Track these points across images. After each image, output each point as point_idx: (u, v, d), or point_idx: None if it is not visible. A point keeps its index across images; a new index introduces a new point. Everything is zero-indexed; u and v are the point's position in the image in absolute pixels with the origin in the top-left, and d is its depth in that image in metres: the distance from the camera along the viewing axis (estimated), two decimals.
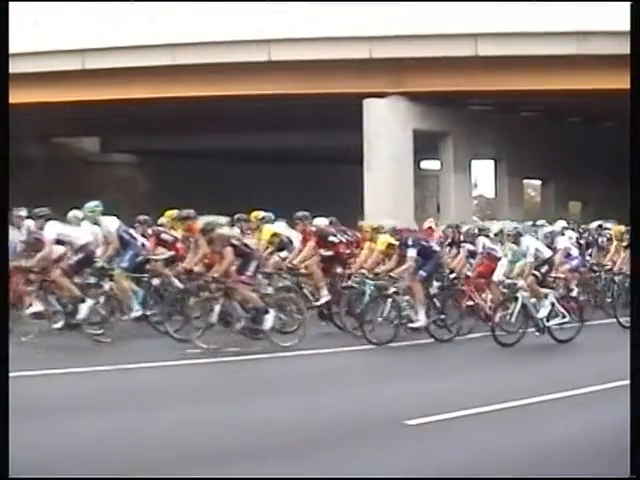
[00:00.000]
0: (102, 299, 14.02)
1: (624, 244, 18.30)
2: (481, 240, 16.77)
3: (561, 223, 20.99)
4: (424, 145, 33.77)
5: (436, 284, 15.76)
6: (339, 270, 16.17)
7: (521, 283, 14.96)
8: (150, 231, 15.99)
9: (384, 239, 15.60)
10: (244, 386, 10.92)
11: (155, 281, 15.35)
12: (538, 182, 45.45)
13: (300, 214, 16.39)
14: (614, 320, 16.65)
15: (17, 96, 32.61)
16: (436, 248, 16.02)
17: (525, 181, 42.09)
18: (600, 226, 21.30)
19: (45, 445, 7.59)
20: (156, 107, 33.71)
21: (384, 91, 31.74)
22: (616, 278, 18.61)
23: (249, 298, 13.63)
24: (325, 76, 30.80)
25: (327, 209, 19.43)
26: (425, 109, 32.75)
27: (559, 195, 40.95)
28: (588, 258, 19.74)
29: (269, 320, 13.63)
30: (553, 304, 15.10)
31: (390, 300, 14.88)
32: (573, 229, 21.39)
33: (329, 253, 16.01)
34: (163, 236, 15.77)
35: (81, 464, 7.09)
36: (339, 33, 30.26)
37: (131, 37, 31.10)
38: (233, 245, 13.72)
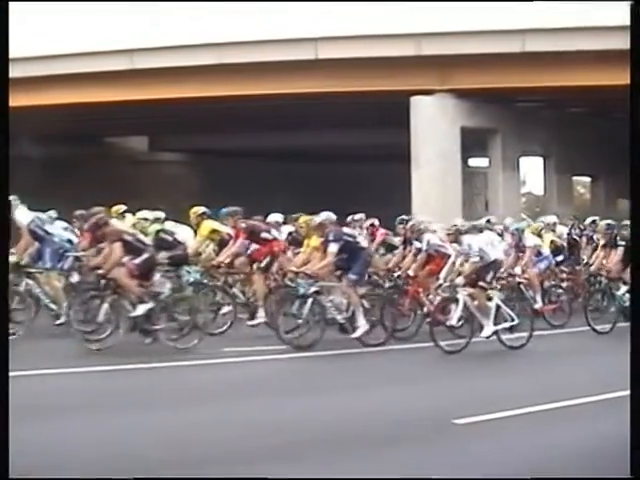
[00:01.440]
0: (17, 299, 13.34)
1: (609, 241, 17.26)
2: (426, 237, 15.52)
3: (551, 218, 20.08)
4: (472, 142, 33.58)
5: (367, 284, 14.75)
6: (275, 268, 15.39)
7: (458, 282, 13.94)
8: (86, 226, 14.98)
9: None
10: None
11: (74, 278, 14.88)
12: (587, 179, 45.09)
13: (231, 209, 15.74)
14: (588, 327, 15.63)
15: (67, 96, 33.17)
16: (364, 244, 14.77)
17: (574, 178, 41.75)
18: (594, 222, 20.32)
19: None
20: (203, 106, 33.82)
21: (431, 88, 31.59)
22: (592, 279, 17.77)
23: (138, 294, 12.88)
24: (372, 74, 30.71)
25: (375, 208, 19.38)
26: (473, 106, 32.54)
27: (609, 192, 40.56)
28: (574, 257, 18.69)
29: (162, 320, 12.90)
30: (499, 307, 14.06)
31: (310, 300, 13.69)
32: (573, 225, 20.54)
33: (264, 251, 15.36)
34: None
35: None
36: (386, 30, 30.16)
37: (178, 37, 31.23)
38: (124, 240, 12.99)
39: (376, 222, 18.06)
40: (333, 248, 13.93)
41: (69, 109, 34.12)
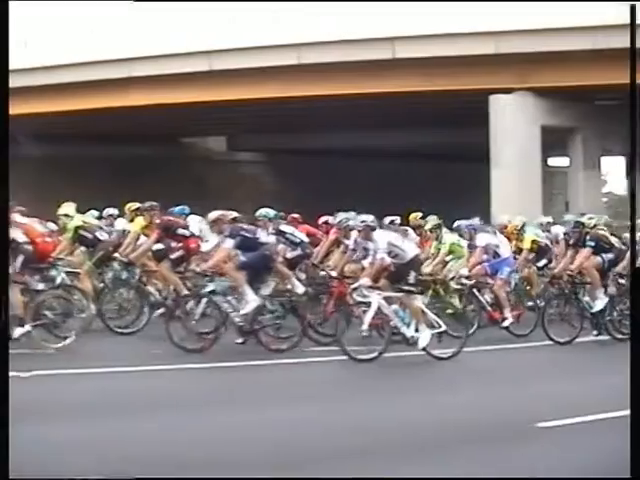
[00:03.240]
0: None
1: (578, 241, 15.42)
2: (353, 235, 14.05)
3: (545, 218, 19.01)
4: (552, 141, 33.17)
5: (271, 283, 13.65)
6: (192, 266, 14.55)
7: (363, 283, 12.59)
8: None
9: None
10: None
11: None
12: None
13: (147, 205, 15.23)
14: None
15: (147, 98, 33.47)
16: (263, 240, 13.68)
17: None
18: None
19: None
20: (281, 106, 33.91)
21: (510, 87, 31.25)
22: (557, 283, 16.08)
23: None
24: (450, 72, 30.48)
25: (449, 207, 19.16)
26: (553, 105, 32.12)
27: None
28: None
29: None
30: (423, 312, 12.82)
31: (205, 301, 12.87)
32: (577, 225, 18.96)
33: (178, 248, 14.74)
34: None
35: None
36: (464, 29, 29.91)
37: (256, 38, 31.34)
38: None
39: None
40: (228, 244, 13.21)
41: (149, 110, 34.45)
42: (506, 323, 15.12)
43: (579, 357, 13.75)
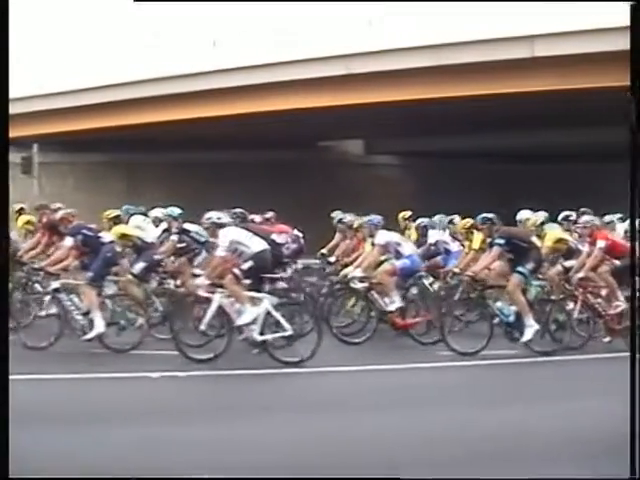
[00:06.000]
0: None
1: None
2: (222, 233, 13.78)
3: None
4: None
5: (113, 284, 13.74)
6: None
7: (199, 282, 12.65)
8: None
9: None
10: None
11: None
12: None
13: (39, 204, 15.77)
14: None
15: (285, 102, 33.92)
16: (105, 240, 13.85)
17: None
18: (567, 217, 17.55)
19: None
20: (419, 108, 33.93)
21: None
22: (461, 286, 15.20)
23: None
24: (591, 70, 30.04)
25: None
26: None
27: None
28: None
29: None
30: (269, 313, 12.48)
31: (48, 298, 13.05)
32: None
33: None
34: None
35: None
36: (604, 24, 29.43)
37: (394, 40, 31.43)
38: None
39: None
40: (67, 242, 13.39)
41: (286, 115, 34.90)
42: (392, 307, 14.37)
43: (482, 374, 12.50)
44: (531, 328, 13.70)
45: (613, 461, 6.78)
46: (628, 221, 15.72)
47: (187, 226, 15.80)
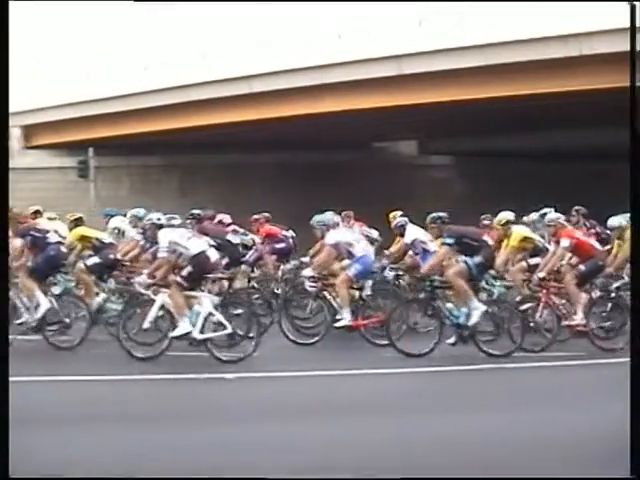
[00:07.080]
0: None
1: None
2: (161, 234, 13.87)
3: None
4: None
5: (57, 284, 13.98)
6: None
7: (141, 280, 12.92)
8: None
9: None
10: None
11: None
12: None
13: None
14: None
15: (338, 104, 34.00)
16: (51, 240, 13.94)
17: None
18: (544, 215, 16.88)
19: None
20: (470, 107, 33.86)
21: None
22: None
23: None
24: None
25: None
26: None
27: None
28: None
29: None
30: (210, 313, 12.62)
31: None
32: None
33: None
34: None
35: None
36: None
37: (444, 40, 31.41)
38: None
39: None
40: (16, 243, 13.53)
41: (337, 116, 34.99)
42: (340, 324, 14.13)
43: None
44: (477, 310, 13.40)
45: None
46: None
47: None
